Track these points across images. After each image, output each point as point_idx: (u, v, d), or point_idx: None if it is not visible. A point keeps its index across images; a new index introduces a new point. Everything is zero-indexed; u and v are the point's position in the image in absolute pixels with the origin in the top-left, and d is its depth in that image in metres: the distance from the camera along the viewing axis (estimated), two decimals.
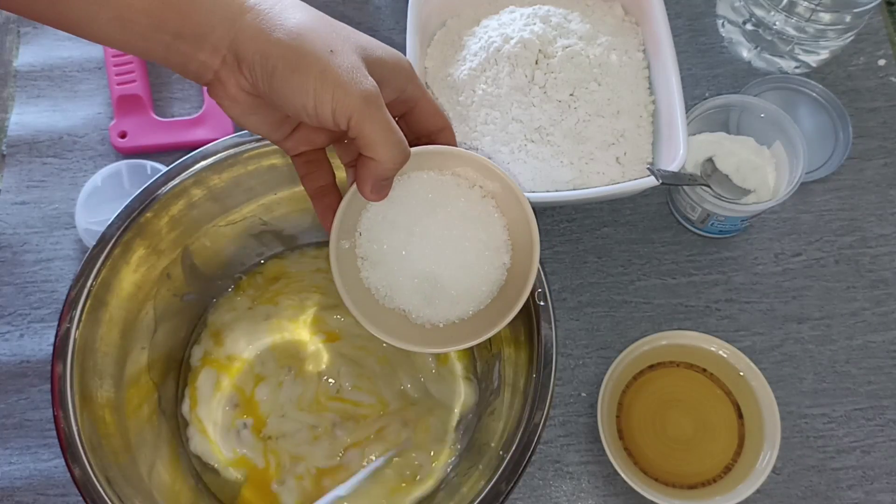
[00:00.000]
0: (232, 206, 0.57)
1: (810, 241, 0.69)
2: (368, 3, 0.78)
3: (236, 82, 0.40)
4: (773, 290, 0.67)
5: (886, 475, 0.62)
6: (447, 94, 0.67)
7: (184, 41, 0.39)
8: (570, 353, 0.65)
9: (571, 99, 0.63)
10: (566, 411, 0.64)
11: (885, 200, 0.70)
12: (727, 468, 0.60)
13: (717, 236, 0.69)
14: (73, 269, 0.67)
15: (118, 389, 0.53)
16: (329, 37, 0.40)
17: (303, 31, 0.40)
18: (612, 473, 0.59)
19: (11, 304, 0.66)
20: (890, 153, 0.72)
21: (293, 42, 0.39)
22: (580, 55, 0.63)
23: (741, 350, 0.61)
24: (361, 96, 0.39)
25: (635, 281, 0.68)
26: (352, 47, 0.41)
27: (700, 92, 0.74)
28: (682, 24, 0.77)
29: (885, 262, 0.68)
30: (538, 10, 0.65)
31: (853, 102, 0.73)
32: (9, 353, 0.65)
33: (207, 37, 0.39)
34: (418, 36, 0.66)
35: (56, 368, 0.48)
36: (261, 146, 0.54)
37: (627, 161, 0.64)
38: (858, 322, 0.66)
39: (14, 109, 0.73)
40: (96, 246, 0.51)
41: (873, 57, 0.75)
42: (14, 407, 0.63)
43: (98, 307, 0.51)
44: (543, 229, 0.69)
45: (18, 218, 0.69)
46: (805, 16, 0.68)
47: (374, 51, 0.42)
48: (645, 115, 0.66)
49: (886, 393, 0.64)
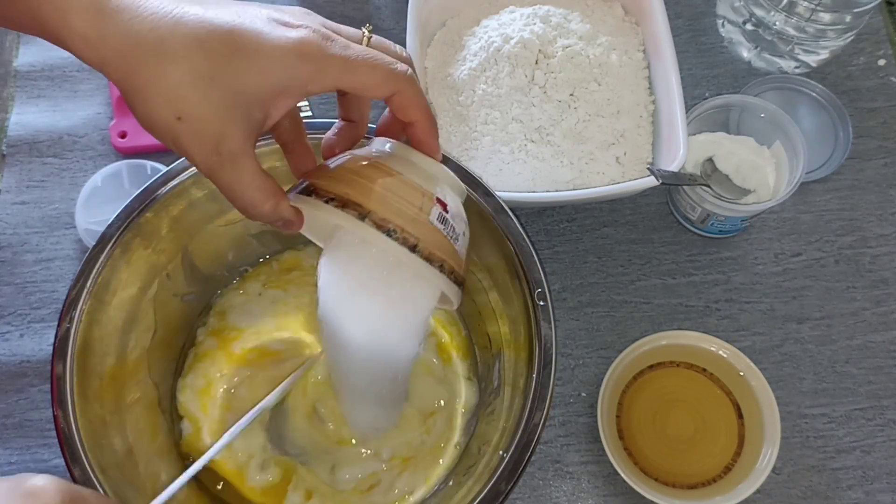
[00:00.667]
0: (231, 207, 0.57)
1: (810, 241, 0.69)
2: (368, 3, 0.78)
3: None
4: (773, 290, 0.67)
5: (886, 475, 0.62)
6: (447, 94, 0.67)
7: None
8: (570, 353, 0.65)
9: (571, 99, 0.63)
10: (566, 411, 0.64)
11: (885, 200, 0.70)
12: (727, 468, 0.60)
13: (717, 236, 0.69)
14: (73, 269, 0.67)
15: (118, 389, 0.53)
16: (185, 87, 0.36)
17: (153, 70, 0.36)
18: (612, 473, 0.59)
19: (11, 304, 0.66)
20: (890, 153, 0.72)
21: (142, 93, 0.36)
22: (580, 55, 0.63)
23: (741, 350, 0.61)
24: (206, 167, 0.38)
25: (635, 281, 0.68)
26: (221, 93, 0.36)
27: (700, 92, 0.74)
28: (682, 24, 0.77)
29: (885, 262, 0.68)
30: (538, 10, 0.65)
31: (853, 102, 0.73)
32: (9, 353, 0.65)
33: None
34: (418, 36, 0.66)
35: (56, 368, 0.48)
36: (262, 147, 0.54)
37: (627, 161, 0.64)
38: (858, 322, 0.66)
39: (14, 109, 0.73)
40: (96, 246, 0.51)
41: (873, 57, 0.75)
42: (14, 407, 0.63)
43: (98, 307, 0.51)
44: (543, 229, 0.69)
45: (18, 218, 0.69)
46: (805, 16, 0.68)
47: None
48: (645, 115, 0.66)
49: (886, 393, 0.64)
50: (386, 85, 0.39)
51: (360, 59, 0.38)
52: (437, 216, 0.41)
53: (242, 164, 0.38)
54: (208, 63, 0.36)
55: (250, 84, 0.37)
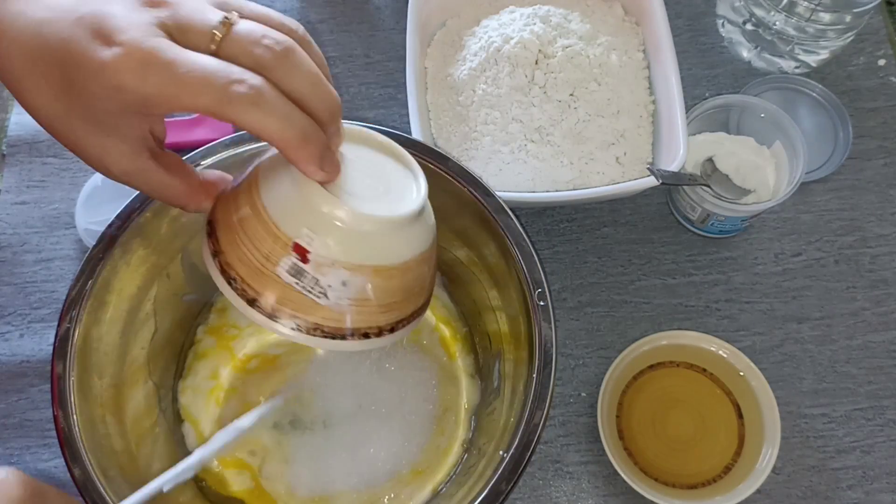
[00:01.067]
0: None
1: (810, 241, 0.69)
2: (368, 3, 0.78)
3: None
4: (773, 290, 0.67)
5: (886, 475, 0.62)
6: (447, 95, 0.67)
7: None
8: (570, 353, 0.65)
9: (571, 99, 0.63)
10: (566, 411, 0.64)
11: (885, 200, 0.70)
12: (727, 468, 0.60)
13: (717, 236, 0.69)
14: (73, 269, 0.67)
15: (118, 389, 0.53)
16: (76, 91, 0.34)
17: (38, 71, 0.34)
18: (612, 473, 0.59)
19: (11, 304, 0.66)
20: (890, 153, 0.72)
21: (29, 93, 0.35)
22: (580, 55, 0.63)
23: (741, 350, 0.61)
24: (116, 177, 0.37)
25: (635, 281, 0.68)
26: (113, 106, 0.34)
27: (700, 92, 0.74)
28: (682, 24, 0.77)
29: (885, 262, 0.68)
30: (538, 10, 0.65)
31: (853, 102, 0.73)
32: (9, 353, 0.65)
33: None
34: (418, 36, 0.66)
35: (56, 368, 0.48)
36: (260, 146, 0.54)
37: (627, 161, 0.64)
38: (858, 322, 0.66)
39: (14, 109, 0.73)
40: (96, 246, 0.51)
41: (873, 57, 0.75)
42: (14, 407, 0.63)
43: (98, 307, 0.51)
44: (543, 229, 0.69)
45: (18, 218, 0.69)
46: (805, 16, 0.68)
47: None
48: (645, 115, 0.66)
49: (886, 393, 0.64)
50: (218, 111, 0.33)
51: (187, 78, 0.32)
52: (289, 268, 0.35)
53: (142, 178, 0.37)
54: (57, 98, 0.34)
55: (100, 112, 0.34)
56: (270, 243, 0.35)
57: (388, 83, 0.75)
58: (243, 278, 0.36)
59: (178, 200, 0.39)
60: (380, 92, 0.74)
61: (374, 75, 0.75)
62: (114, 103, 0.33)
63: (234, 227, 0.36)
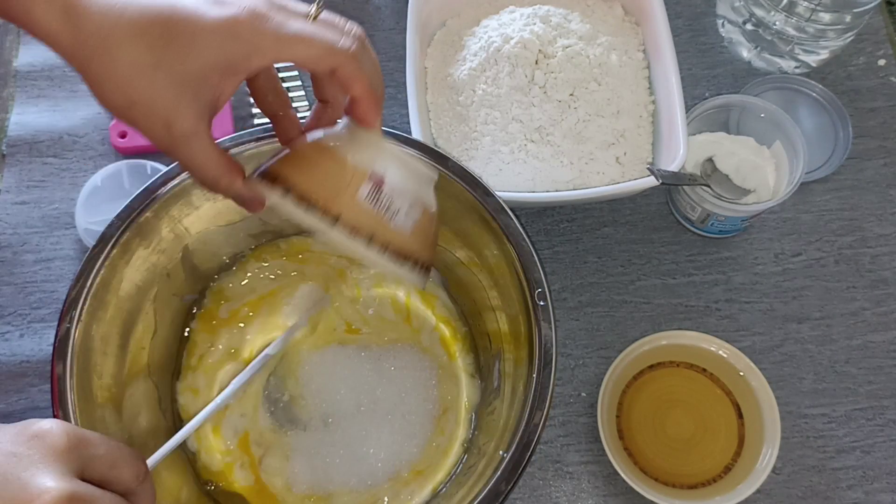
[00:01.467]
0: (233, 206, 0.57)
1: (810, 241, 0.69)
2: (368, 3, 0.78)
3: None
4: (773, 290, 0.67)
5: (886, 475, 0.62)
6: (447, 95, 0.67)
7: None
8: (570, 353, 0.65)
9: (571, 99, 0.63)
10: (566, 411, 0.64)
11: (885, 200, 0.70)
12: (727, 468, 0.60)
13: (717, 236, 0.69)
14: (73, 269, 0.67)
15: (118, 389, 0.53)
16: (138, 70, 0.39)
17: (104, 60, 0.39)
18: (612, 473, 0.59)
19: (11, 304, 0.66)
20: (890, 153, 0.72)
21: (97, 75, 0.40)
22: (580, 55, 0.63)
23: (741, 350, 0.61)
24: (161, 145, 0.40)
25: (635, 281, 0.68)
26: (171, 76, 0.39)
27: (700, 92, 0.74)
28: (682, 24, 0.77)
29: (885, 262, 0.68)
30: (538, 10, 0.65)
31: (853, 102, 0.73)
32: (9, 353, 0.65)
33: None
34: (418, 36, 0.66)
35: (56, 368, 0.48)
36: (261, 146, 0.54)
37: (627, 161, 0.64)
38: (858, 322, 0.66)
39: (14, 109, 0.73)
40: (96, 246, 0.51)
41: (873, 57, 0.75)
42: (14, 407, 0.63)
43: (98, 307, 0.51)
44: (543, 229, 0.69)
45: (18, 218, 0.69)
46: (805, 16, 0.68)
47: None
48: (645, 115, 0.66)
49: (886, 393, 0.64)
50: (324, 60, 0.40)
51: (297, 35, 0.39)
52: (368, 192, 0.43)
53: (196, 142, 0.40)
54: (150, 51, 0.38)
55: (192, 67, 0.38)
56: (349, 173, 0.42)
57: (388, 83, 0.75)
58: (324, 201, 0.42)
59: (214, 173, 0.42)
60: None
61: None
62: (212, 57, 0.38)
63: (309, 168, 0.43)
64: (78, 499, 0.33)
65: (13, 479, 0.32)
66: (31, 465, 0.33)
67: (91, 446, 0.36)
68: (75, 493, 0.33)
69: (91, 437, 0.36)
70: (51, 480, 0.33)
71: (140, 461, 0.38)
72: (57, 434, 0.35)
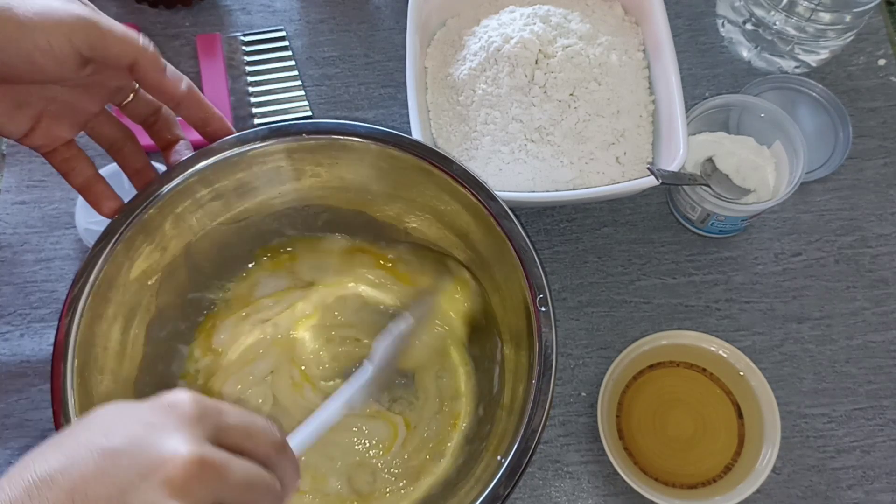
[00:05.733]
0: (235, 205, 0.57)
1: (810, 241, 0.69)
2: (368, 3, 0.78)
3: None
4: (773, 290, 0.67)
5: (886, 475, 0.62)
6: (447, 94, 0.67)
7: None
8: (570, 353, 0.65)
9: (571, 99, 0.63)
10: (566, 411, 0.64)
11: (885, 200, 0.70)
12: (727, 468, 0.60)
13: (717, 236, 0.69)
14: (73, 269, 0.67)
15: (119, 389, 0.53)
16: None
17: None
18: (612, 473, 0.59)
19: (11, 304, 0.66)
20: (890, 153, 0.72)
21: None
22: (580, 55, 0.63)
23: (741, 350, 0.61)
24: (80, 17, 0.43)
25: (635, 281, 0.68)
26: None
27: (700, 92, 0.74)
28: (682, 24, 0.77)
29: (885, 262, 0.68)
30: (538, 10, 0.65)
31: (853, 102, 0.73)
32: (9, 353, 0.65)
33: None
34: (418, 36, 0.66)
35: (56, 368, 0.48)
36: (264, 146, 0.54)
37: (627, 161, 0.64)
38: (858, 322, 0.66)
39: None
40: (99, 242, 0.51)
41: (873, 57, 0.75)
42: (14, 407, 0.63)
43: (100, 304, 0.51)
44: (543, 229, 0.69)
45: (18, 218, 0.69)
46: (805, 15, 0.68)
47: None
48: (645, 115, 0.66)
49: (886, 393, 0.64)
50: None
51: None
52: None
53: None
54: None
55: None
56: None
57: (388, 83, 0.75)
58: None
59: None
60: (380, 92, 0.74)
61: (374, 75, 0.75)
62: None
63: None
64: (209, 463, 0.33)
65: (147, 445, 0.33)
66: (164, 431, 0.33)
67: (223, 414, 0.36)
68: (206, 457, 0.33)
69: (223, 406, 0.36)
70: (182, 445, 0.33)
71: (276, 431, 0.37)
72: (187, 402, 0.35)
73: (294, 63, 0.75)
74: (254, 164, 0.55)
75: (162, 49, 0.75)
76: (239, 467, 0.34)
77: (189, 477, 0.32)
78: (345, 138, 0.53)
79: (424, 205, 0.57)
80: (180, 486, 0.32)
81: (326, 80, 0.75)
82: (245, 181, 0.56)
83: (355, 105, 0.74)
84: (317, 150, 0.55)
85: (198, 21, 0.77)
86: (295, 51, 0.76)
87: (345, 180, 0.57)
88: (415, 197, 0.56)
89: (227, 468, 0.33)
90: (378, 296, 0.62)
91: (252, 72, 0.75)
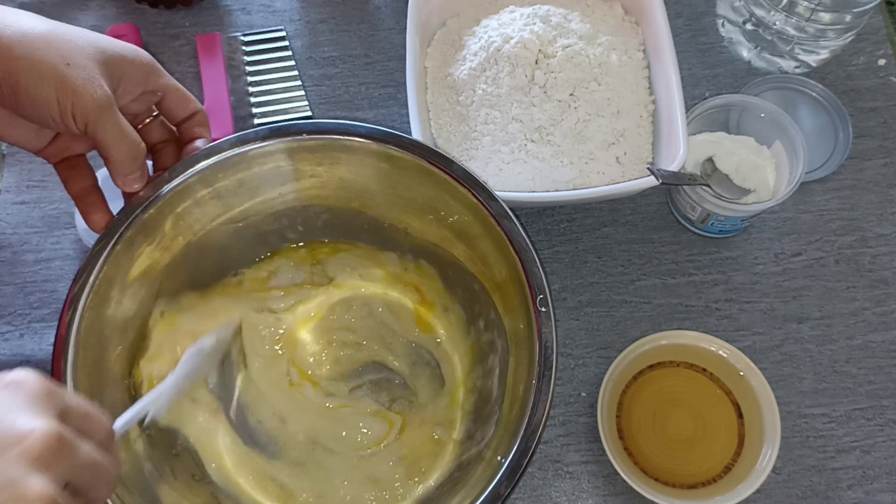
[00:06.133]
0: (235, 205, 0.57)
1: (810, 241, 0.69)
2: (368, 3, 0.78)
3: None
4: (773, 290, 0.67)
5: (886, 475, 0.62)
6: (447, 94, 0.67)
7: None
8: (570, 353, 0.65)
9: (571, 99, 0.63)
10: (566, 411, 0.64)
11: (885, 200, 0.70)
12: (727, 468, 0.60)
13: (717, 236, 0.69)
14: (73, 269, 0.67)
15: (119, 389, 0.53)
16: (65, 48, 0.44)
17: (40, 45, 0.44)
18: (612, 473, 0.59)
19: (11, 304, 0.66)
20: (890, 153, 0.72)
21: (34, 56, 0.43)
22: (580, 55, 0.63)
23: (741, 350, 0.61)
24: (95, 105, 0.44)
25: (635, 281, 0.68)
26: (88, 56, 0.45)
27: (700, 92, 0.74)
28: (682, 24, 0.77)
29: (885, 262, 0.68)
30: (538, 10, 0.65)
31: (853, 102, 0.73)
32: (9, 352, 0.65)
33: None
34: (418, 36, 0.66)
35: (56, 368, 0.48)
36: (264, 146, 0.54)
37: (627, 161, 0.64)
38: (858, 322, 0.66)
39: None
40: (99, 242, 0.51)
41: (873, 57, 0.75)
42: None
43: (100, 304, 0.51)
44: (543, 229, 0.69)
45: (18, 218, 0.69)
46: (805, 15, 0.68)
47: (113, 51, 0.47)
48: (645, 115, 0.66)
49: (886, 393, 0.64)
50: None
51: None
52: None
53: (117, 114, 0.46)
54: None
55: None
56: None
57: (388, 83, 0.75)
58: None
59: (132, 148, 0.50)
60: (380, 92, 0.74)
61: (374, 75, 0.75)
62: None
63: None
64: (65, 438, 0.33)
65: (0, 421, 0.33)
66: (14, 407, 0.34)
67: (65, 395, 0.36)
68: (62, 433, 0.33)
69: (62, 389, 0.37)
70: (36, 420, 0.33)
71: (109, 420, 0.38)
72: (33, 380, 0.35)
73: (294, 63, 0.75)
74: (254, 164, 0.55)
75: (162, 49, 0.76)
76: (86, 447, 0.35)
77: (47, 450, 0.32)
78: (345, 138, 0.53)
79: (424, 205, 0.57)
80: (41, 460, 0.32)
81: (326, 80, 0.75)
82: (245, 181, 0.56)
83: (355, 105, 0.74)
84: (317, 150, 0.55)
85: (198, 21, 0.77)
86: (295, 51, 0.76)
87: (345, 180, 0.57)
88: (415, 197, 0.56)
89: (77, 446, 0.34)
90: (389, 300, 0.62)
91: (252, 72, 0.75)
